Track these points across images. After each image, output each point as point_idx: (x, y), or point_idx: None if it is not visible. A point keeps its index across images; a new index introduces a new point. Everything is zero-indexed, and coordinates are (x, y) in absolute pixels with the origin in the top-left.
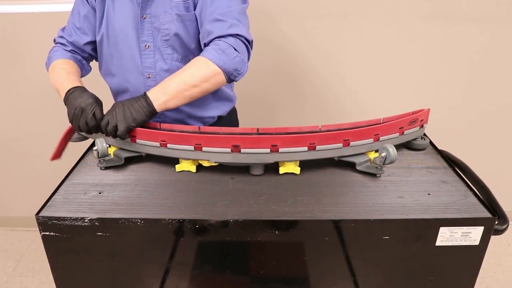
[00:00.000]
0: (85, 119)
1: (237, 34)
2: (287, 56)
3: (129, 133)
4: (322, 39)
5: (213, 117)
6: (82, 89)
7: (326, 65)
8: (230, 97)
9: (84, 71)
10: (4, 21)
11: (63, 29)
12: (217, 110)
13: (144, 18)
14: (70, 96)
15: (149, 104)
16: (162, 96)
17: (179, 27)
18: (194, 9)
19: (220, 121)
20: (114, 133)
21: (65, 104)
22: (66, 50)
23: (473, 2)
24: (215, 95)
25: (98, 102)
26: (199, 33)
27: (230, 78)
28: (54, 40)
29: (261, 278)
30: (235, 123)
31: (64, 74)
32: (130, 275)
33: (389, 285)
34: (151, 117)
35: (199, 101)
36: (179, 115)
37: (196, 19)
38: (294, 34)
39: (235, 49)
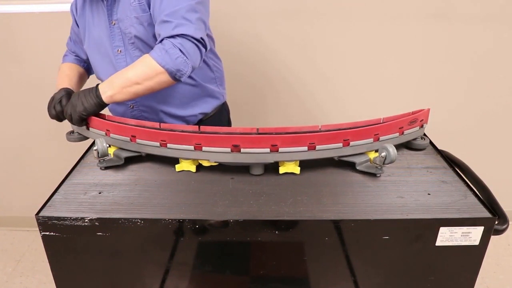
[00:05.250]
0: (53, 105)
1: (183, 34)
2: (287, 55)
3: (85, 121)
4: (322, 38)
5: (194, 115)
6: (65, 89)
7: (326, 65)
8: (213, 93)
9: (89, 72)
10: (4, 21)
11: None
12: (198, 107)
13: (114, 24)
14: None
15: (98, 96)
16: (108, 90)
17: (139, 29)
18: (150, 10)
19: (208, 120)
20: (71, 121)
21: None
22: (73, 56)
23: (475, 2)
24: (194, 92)
25: (69, 94)
26: None
27: (175, 78)
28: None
29: (261, 278)
30: (226, 123)
31: (62, 76)
32: (130, 275)
33: (389, 285)
34: (101, 108)
35: (176, 100)
36: (157, 115)
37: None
38: (294, 33)
39: (180, 50)
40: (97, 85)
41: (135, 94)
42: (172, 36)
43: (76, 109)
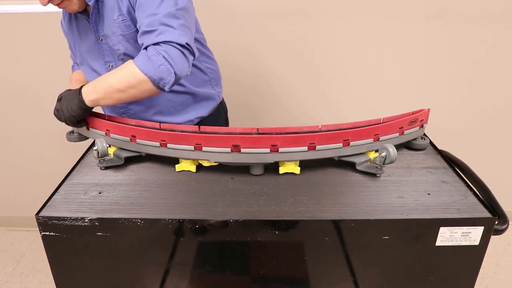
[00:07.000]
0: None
1: (166, 41)
2: (288, 55)
3: (81, 122)
4: (322, 38)
5: (191, 120)
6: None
7: (326, 65)
8: (209, 96)
9: None
10: (4, 21)
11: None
12: (195, 112)
13: (101, 40)
14: None
15: (81, 100)
16: (92, 94)
17: (126, 46)
18: (135, 26)
19: (205, 121)
20: (67, 124)
21: None
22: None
23: (475, 2)
24: (189, 99)
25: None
26: None
27: (159, 86)
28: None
29: (261, 278)
30: (223, 123)
31: (72, 82)
32: (130, 275)
33: (389, 285)
34: (87, 111)
35: (171, 109)
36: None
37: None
38: (296, 32)
39: (163, 57)
40: (81, 87)
41: (119, 100)
42: (157, 43)
43: (66, 114)
